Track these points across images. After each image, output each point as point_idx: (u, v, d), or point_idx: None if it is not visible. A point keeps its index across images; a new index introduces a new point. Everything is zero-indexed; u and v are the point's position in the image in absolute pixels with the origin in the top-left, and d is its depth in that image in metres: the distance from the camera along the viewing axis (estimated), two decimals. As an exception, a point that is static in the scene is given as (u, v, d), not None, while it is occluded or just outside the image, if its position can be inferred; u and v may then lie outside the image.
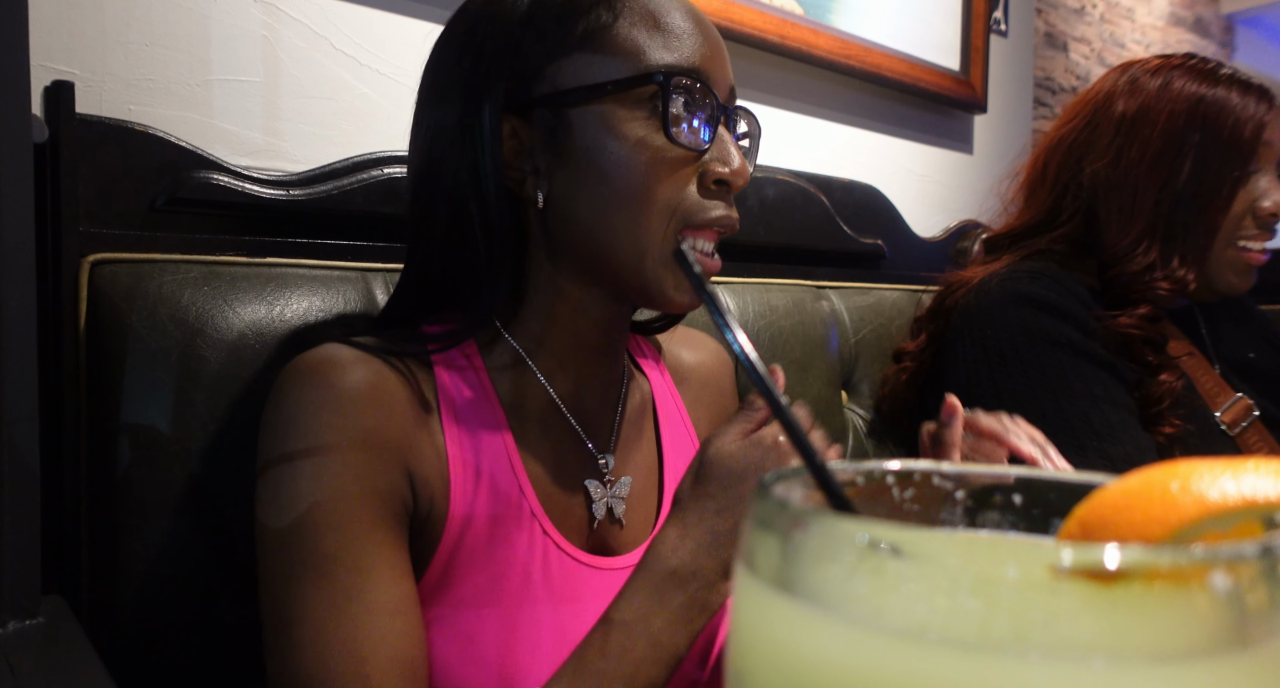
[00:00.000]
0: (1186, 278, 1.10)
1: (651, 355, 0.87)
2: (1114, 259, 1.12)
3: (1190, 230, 1.11)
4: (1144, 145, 1.11)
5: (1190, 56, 1.17)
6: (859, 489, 0.30)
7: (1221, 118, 1.10)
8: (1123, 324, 1.07)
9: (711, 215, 0.68)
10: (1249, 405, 1.16)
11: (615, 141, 0.65)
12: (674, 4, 0.68)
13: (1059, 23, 2.67)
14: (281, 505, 0.62)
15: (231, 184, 0.89)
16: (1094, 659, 0.20)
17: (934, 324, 1.21)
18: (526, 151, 0.68)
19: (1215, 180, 1.10)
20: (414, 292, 0.73)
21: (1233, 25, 3.82)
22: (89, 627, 0.73)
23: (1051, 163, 1.21)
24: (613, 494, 0.73)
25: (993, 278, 1.13)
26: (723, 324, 0.39)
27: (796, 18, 1.60)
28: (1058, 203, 1.19)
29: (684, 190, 0.67)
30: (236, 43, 0.99)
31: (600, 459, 0.74)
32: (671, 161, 0.66)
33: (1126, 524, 0.24)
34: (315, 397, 0.64)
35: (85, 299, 0.76)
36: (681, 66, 0.66)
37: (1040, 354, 1.04)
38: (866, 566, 0.23)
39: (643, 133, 0.65)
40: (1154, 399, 1.05)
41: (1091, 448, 0.98)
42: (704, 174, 0.68)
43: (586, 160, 0.66)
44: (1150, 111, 1.12)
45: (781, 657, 0.24)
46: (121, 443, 0.75)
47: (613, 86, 0.65)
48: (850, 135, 1.80)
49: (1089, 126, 1.17)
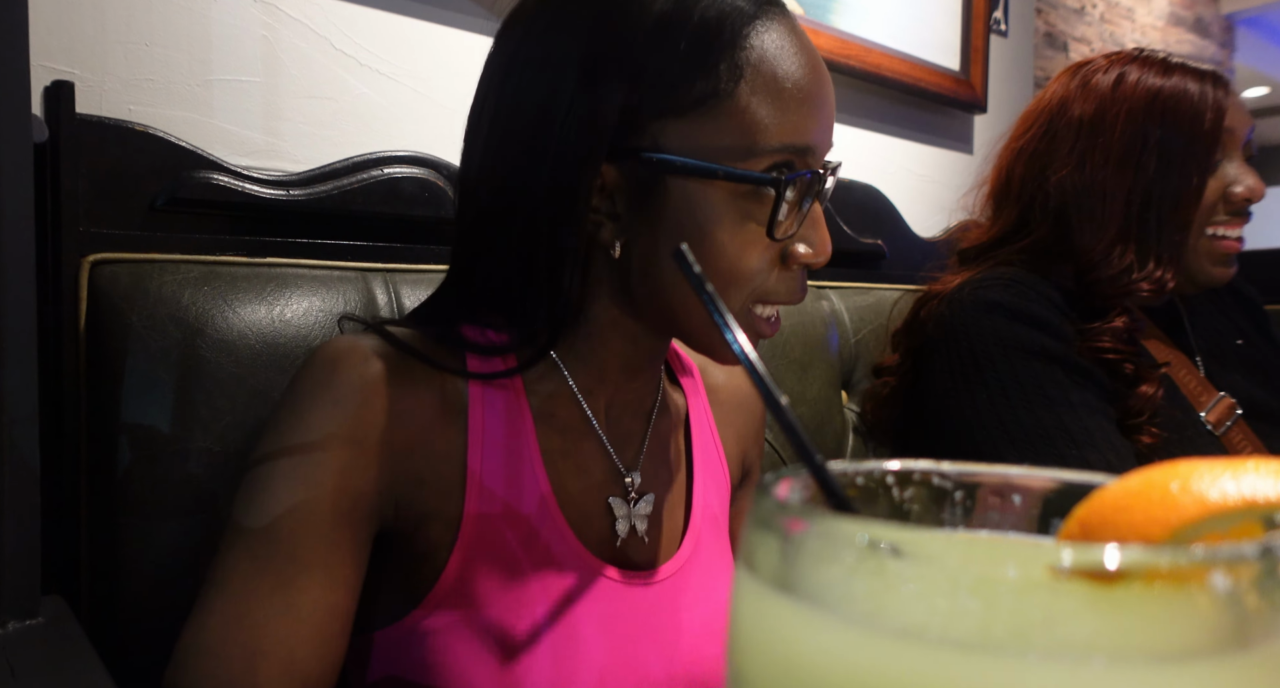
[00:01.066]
0: (1165, 277, 1.09)
1: (691, 370, 0.85)
2: (1090, 265, 1.11)
3: (1164, 228, 1.10)
4: (1106, 149, 1.10)
5: (1139, 50, 1.16)
6: (859, 489, 0.30)
7: (1180, 109, 1.09)
8: (1099, 346, 1.06)
9: (784, 291, 0.67)
10: (1232, 405, 1.15)
11: (712, 223, 0.62)
12: (800, 61, 0.64)
13: (1059, 23, 2.67)
14: (254, 480, 0.61)
15: (231, 184, 0.89)
16: (1094, 659, 0.20)
17: (910, 339, 1.19)
18: (609, 196, 0.64)
19: (1183, 174, 1.09)
20: (455, 293, 0.71)
21: (1233, 25, 3.82)
22: (89, 627, 0.73)
23: (1014, 174, 1.19)
24: (636, 512, 0.72)
25: (965, 286, 1.11)
26: (723, 324, 0.39)
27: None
28: (1025, 213, 1.18)
29: (769, 271, 0.65)
30: (236, 43, 0.99)
31: (626, 477, 0.73)
32: (762, 248, 0.64)
33: (1126, 524, 0.24)
34: (321, 384, 0.62)
35: (85, 299, 0.76)
36: (797, 146, 0.63)
37: (1015, 362, 1.03)
38: (866, 566, 0.23)
39: (744, 219, 0.62)
40: (1133, 411, 1.04)
41: (1071, 456, 0.97)
42: (790, 255, 0.66)
43: (675, 228, 0.63)
44: (1107, 113, 1.11)
45: (781, 657, 0.24)
46: (121, 443, 0.75)
47: (724, 175, 0.61)
48: (850, 135, 1.80)
49: (1047, 135, 1.16)
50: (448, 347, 0.68)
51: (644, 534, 0.72)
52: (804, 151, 0.63)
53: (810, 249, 0.66)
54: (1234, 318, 1.29)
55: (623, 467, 0.73)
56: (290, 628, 0.57)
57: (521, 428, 0.68)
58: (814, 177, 0.64)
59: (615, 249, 0.65)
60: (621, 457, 0.73)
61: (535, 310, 0.65)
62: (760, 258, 0.64)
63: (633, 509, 0.72)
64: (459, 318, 0.70)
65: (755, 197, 0.63)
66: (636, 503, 0.72)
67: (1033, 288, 1.08)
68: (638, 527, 0.72)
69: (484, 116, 0.67)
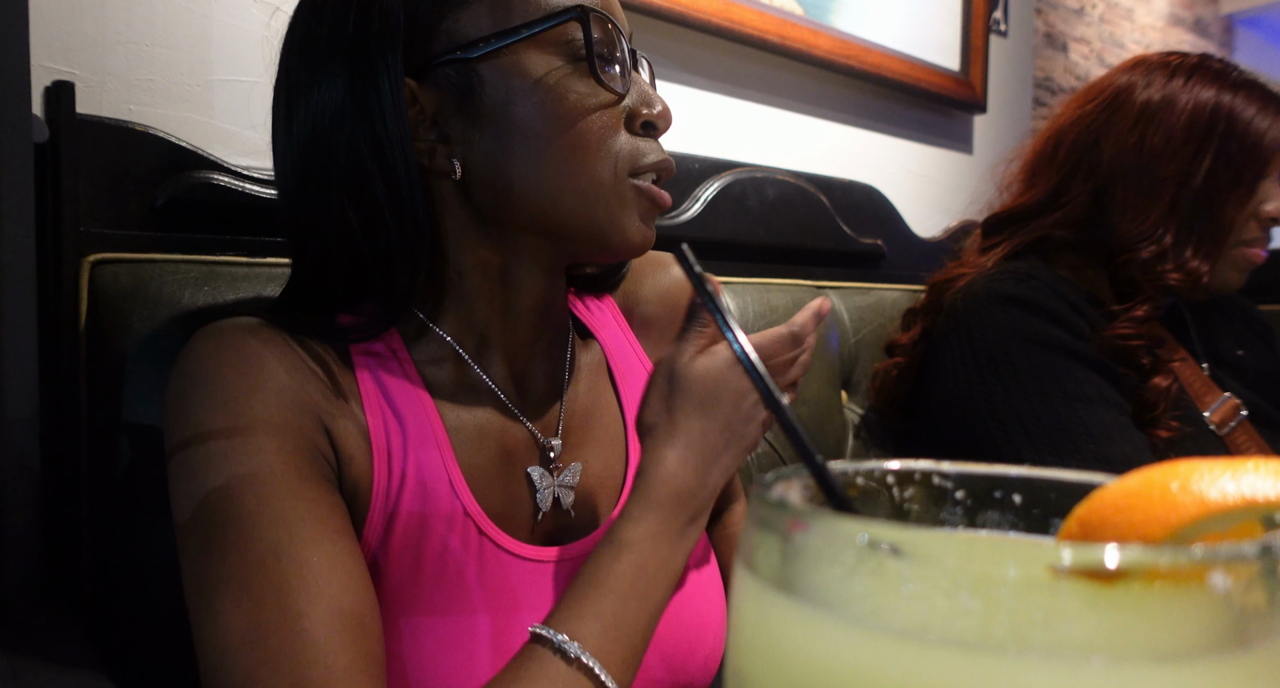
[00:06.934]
0: (1200, 269, 1.09)
1: (601, 307, 0.81)
2: (1125, 245, 1.11)
3: (1207, 222, 1.10)
4: (1168, 133, 1.10)
5: (1206, 56, 1.17)
6: (859, 489, 0.30)
7: (1243, 123, 1.10)
8: (1118, 333, 1.06)
9: (652, 159, 0.65)
10: (1237, 405, 1.16)
11: (536, 91, 0.61)
12: None
13: (1059, 23, 2.67)
14: (192, 472, 0.57)
15: (231, 184, 0.89)
16: (1094, 659, 0.20)
17: (928, 318, 1.20)
18: (430, 120, 0.62)
19: (1235, 176, 1.10)
20: (311, 288, 0.67)
21: (1232, 25, 3.82)
22: (89, 627, 0.73)
23: (1065, 141, 1.19)
24: (560, 482, 0.69)
25: (980, 279, 1.12)
26: (723, 324, 0.39)
27: (796, 18, 1.60)
28: (1064, 183, 1.17)
29: (617, 136, 0.63)
30: (236, 43, 1.00)
31: (546, 446, 0.70)
32: (598, 106, 0.62)
33: (1126, 524, 0.24)
34: (223, 357, 0.59)
35: (85, 299, 0.76)
36: (589, 5, 0.62)
37: (1031, 356, 1.03)
38: (866, 566, 0.23)
39: (564, 79, 0.61)
40: (1148, 404, 1.05)
41: (1087, 450, 0.98)
42: (630, 118, 0.64)
43: (507, 117, 0.61)
44: (1175, 102, 1.11)
45: (781, 657, 0.24)
46: (122, 443, 0.75)
47: (525, 30, 0.60)
48: (850, 135, 1.80)
49: (1109, 108, 1.16)
50: (326, 329, 0.64)
51: (570, 506, 0.70)
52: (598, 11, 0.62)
53: (649, 107, 0.64)
54: (1236, 330, 1.30)
55: (541, 436, 0.70)
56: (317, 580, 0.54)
57: (421, 411, 0.65)
58: (615, 29, 0.63)
59: (456, 171, 0.63)
60: (540, 426, 0.70)
61: (396, 275, 0.62)
62: (603, 119, 0.62)
63: (556, 479, 0.69)
64: (331, 309, 0.68)
65: (571, 54, 0.62)
66: (561, 472, 0.70)
67: (1048, 283, 1.08)
68: (562, 498, 0.69)
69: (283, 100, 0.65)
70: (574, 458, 0.71)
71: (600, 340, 0.79)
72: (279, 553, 0.54)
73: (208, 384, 0.59)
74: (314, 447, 0.59)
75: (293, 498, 0.56)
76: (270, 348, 0.60)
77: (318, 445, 0.60)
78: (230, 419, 0.57)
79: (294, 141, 0.64)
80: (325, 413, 0.61)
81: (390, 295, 0.63)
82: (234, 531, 0.54)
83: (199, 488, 0.56)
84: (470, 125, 0.62)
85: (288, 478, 0.57)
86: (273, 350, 0.60)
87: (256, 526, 0.54)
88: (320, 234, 0.64)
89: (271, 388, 0.59)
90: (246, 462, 0.56)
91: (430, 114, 0.62)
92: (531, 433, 0.70)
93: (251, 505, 0.55)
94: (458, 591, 0.62)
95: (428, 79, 0.62)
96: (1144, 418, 1.04)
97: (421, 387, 0.66)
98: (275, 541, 0.54)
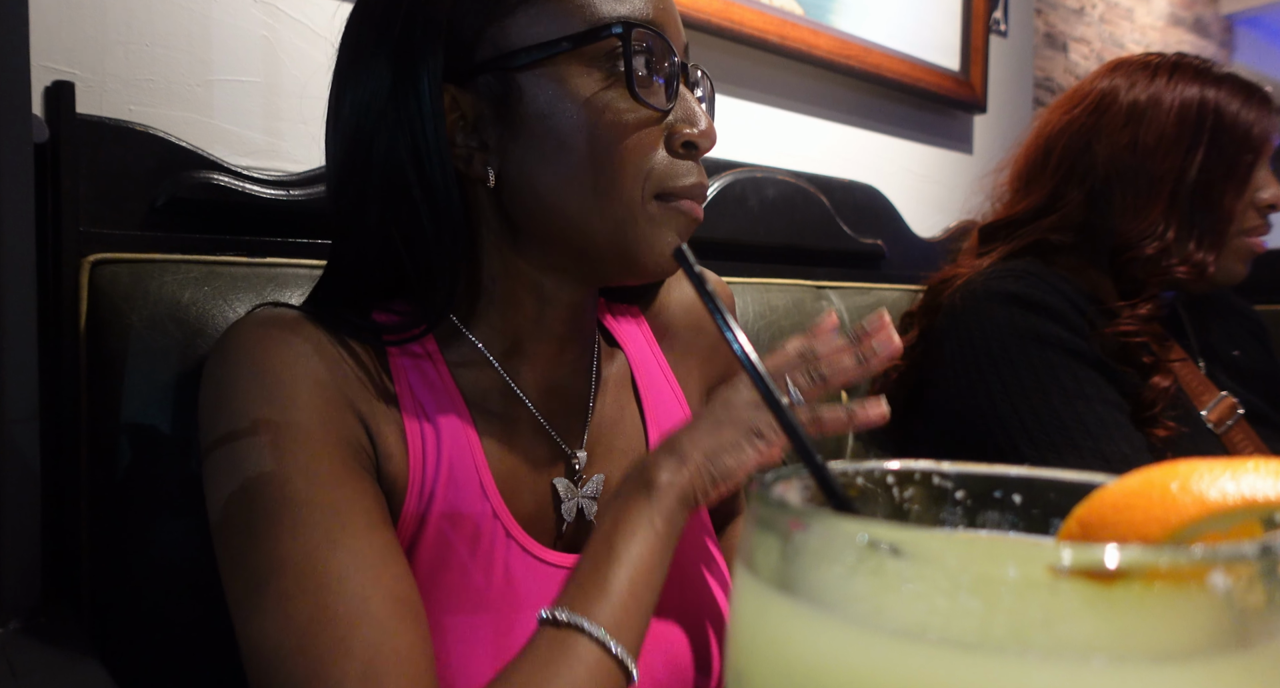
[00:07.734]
0: (1205, 260, 1.10)
1: (629, 316, 0.81)
2: (1127, 243, 1.11)
3: (1207, 214, 1.11)
4: (1160, 130, 1.11)
5: (1181, 55, 1.18)
6: (859, 489, 0.30)
7: (1230, 115, 1.11)
8: (1121, 330, 1.06)
9: (685, 182, 0.63)
10: (1233, 404, 1.16)
11: (574, 105, 0.60)
12: None
13: (1059, 23, 2.67)
14: (237, 462, 0.57)
15: (231, 184, 0.89)
16: (1094, 659, 0.20)
17: (925, 319, 1.20)
18: (471, 125, 0.63)
19: (1230, 167, 1.10)
20: (347, 281, 0.67)
21: (1232, 25, 3.82)
22: (89, 627, 0.73)
23: (1056, 147, 1.19)
24: (584, 494, 0.70)
25: (978, 278, 1.12)
26: (723, 324, 0.39)
27: (796, 18, 1.60)
28: (1059, 188, 1.18)
29: (653, 154, 0.62)
30: (236, 43, 1.00)
31: (572, 457, 0.70)
32: (636, 123, 0.61)
33: (1126, 524, 0.24)
34: (267, 347, 0.59)
35: (85, 299, 0.76)
36: (637, 19, 0.60)
37: (1030, 353, 1.03)
38: (866, 566, 0.23)
39: (603, 93, 0.60)
40: (1147, 403, 1.05)
41: (1087, 448, 0.98)
42: (671, 137, 0.63)
43: (543, 129, 0.61)
44: (1161, 101, 1.12)
45: (781, 657, 0.24)
46: (122, 443, 0.75)
47: (567, 43, 0.59)
48: (850, 135, 1.80)
49: (1096, 112, 1.16)
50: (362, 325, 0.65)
51: (594, 517, 0.70)
52: (648, 25, 0.61)
53: (692, 126, 0.63)
54: (1232, 329, 1.30)
55: (566, 447, 0.70)
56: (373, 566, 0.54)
57: (455, 413, 0.65)
58: (664, 44, 0.61)
59: (490, 178, 0.62)
60: (565, 437, 0.70)
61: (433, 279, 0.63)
62: (637, 135, 0.61)
63: (580, 491, 0.70)
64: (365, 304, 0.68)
65: (612, 69, 0.60)
66: (585, 484, 0.70)
67: (1046, 280, 1.08)
68: (586, 510, 0.70)
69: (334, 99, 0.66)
70: (597, 470, 0.72)
71: (626, 353, 0.79)
72: (334, 540, 0.54)
73: (253, 374, 0.59)
74: (356, 440, 0.60)
75: (342, 487, 0.57)
76: (312, 343, 0.61)
77: (359, 440, 0.60)
78: (278, 409, 0.58)
79: (339, 138, 0.65)
80: (365, 410, 0.62)
81: (429, 300, 0.63)
82: (287, 518, 0.55)
83: (245, 476, 0.56)
84: (506, 135, 0.62)
85: (335, 468, 0.57)
86: (314, 345, 0.61)
87: (311, 513, 0.55)
88: (359, 230, 0.64)
89: (316, 381, 0.59)
90: (296, 450, 0.57)
91: (470, 120, 0.63)
92: (557, 443, 0.70)
93: (304, 494, 0.55)
94: (484, 590, 0.63)
95: (469, 85, 0.62)
96: (1142, 417, 1.04)
97: (455, 389, 0.66)
98: (329, 528, 0.55)
